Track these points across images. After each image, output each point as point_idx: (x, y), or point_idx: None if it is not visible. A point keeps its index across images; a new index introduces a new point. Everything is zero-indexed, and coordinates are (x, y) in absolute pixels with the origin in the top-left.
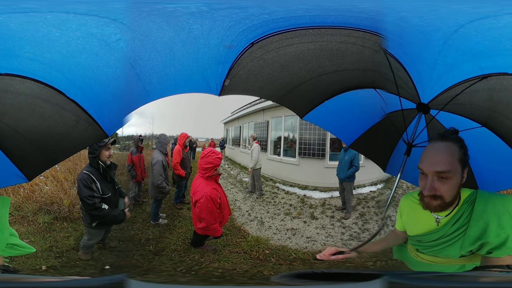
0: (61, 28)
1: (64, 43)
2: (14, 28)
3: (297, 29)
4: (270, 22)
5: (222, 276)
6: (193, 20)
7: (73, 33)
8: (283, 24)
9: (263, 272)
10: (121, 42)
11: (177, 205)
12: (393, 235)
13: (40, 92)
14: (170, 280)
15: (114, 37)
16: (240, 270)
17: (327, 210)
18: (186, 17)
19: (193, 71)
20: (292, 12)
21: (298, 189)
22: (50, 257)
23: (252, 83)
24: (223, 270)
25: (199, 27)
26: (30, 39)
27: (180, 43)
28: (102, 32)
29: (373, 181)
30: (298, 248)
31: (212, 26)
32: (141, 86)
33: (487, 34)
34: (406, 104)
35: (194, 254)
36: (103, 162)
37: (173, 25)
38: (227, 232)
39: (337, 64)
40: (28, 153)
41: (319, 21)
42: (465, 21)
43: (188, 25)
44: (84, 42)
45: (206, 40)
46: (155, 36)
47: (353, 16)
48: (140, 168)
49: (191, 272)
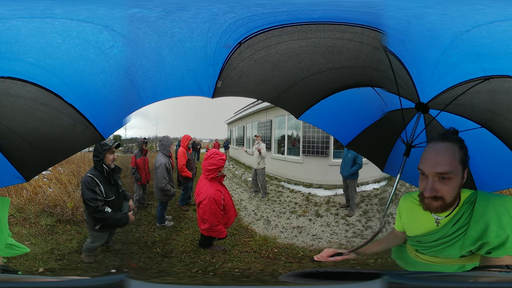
0: (63, 35)
1: (65, 50)
2: (24, 33)
3: (283, 26)
4: (247, 20)
5: (243, 275)
6: (170, 24)
7: (72, 40)
8: (265, 21)
9: (278, 270)
10: (114, 49)
11: (183, 207)
12: (392, 235)
13: (39, 96)
14: (191, 281)
15: (108, 44)
16: (255, 269)
17: (332, 208)
18: (160, 22)
19: (184, 74)
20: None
21: (302, 187)
22: (51, 259)
23: (244, 84)
24: (239, 269)
25: (179, 30)
26: (35, 45)
27: (167, 47)
28: (97, 39)
29: (376, 179)
30: (305, 246)
31: (189, 28)
32: (134, 91)
33: (498, 37)
34: (405, 103)
35: (204, 255)
36: (107, 166)
37: (155, 30)
38: (235, 232)
39: (332, 61)
40: (26, 154)
41: (301, 16)
42: (484, 22)
43: (167, 29)
44: (82, 49)
45: (191, 43)
46: (144, 42)
47: (349, 11)
48: (144, 171)
49: (210, 273)
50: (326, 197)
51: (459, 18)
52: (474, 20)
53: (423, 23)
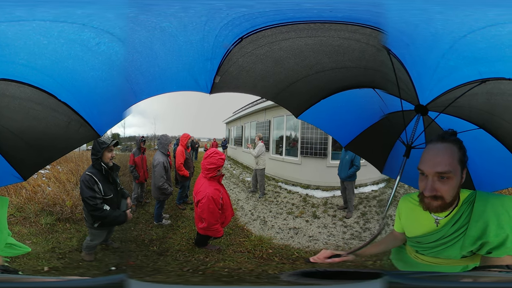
0: (47, 36)
1: (52, 50)
2: (11, 36)
3: (296, 23)
4: (258, 16)
5: (229, 275)
6: (155, 19)
7: (57, 40)
8: (274, 18)
9: (268, 271)
10: (102, 45)
11: (180, 206)
12: (392, 236)
13: (33, 96)
14: (182, 280)
15: (93, 41)
16: (245, 269)
17: (329, 209)
18: (143, 17)
19: (179, 68)
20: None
21: (300, 188)
22: (53, 258)
23: (244, 79)
24: (229, 269)
25: (169, 24)
26: (23, 47)
27: (158, 42)
28: (80, 37)
29: (375, 180)
30: (300, 247)
31: (181, 22)
32: (128, 87)
33: (491, 41)
34: (404, 105)
35: (199, 254)
36: (106, 164)
37: (141, 25)
38: (231, 231)
39: (336, 61)
40: (23, 153)
41: (325, 15)
42: (477, 27)
43: (154, 24)
44: (68, 48)
45: (186, 37)
46: (132, 37)
47: (361, 11)
48: (142, 169)
49: (199, 272)
50: (323, 199)
51: (457, 24)
52: (469, 26)
53: (429, 27)
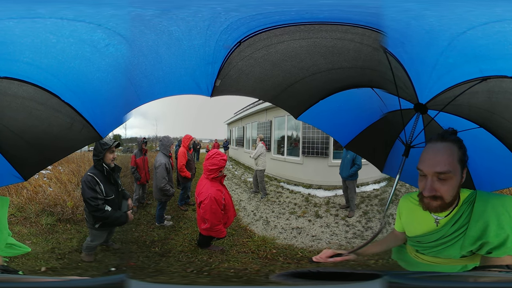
0: (57, 34)
1: (60, 49)
2: (18, 33)
3: (287, 25)
4: (250, 20)
5: (236, 276)
6: (167, 22)
7: (67, 39)
8: (269, 20)
9: (275, 271)
10: (110, 47)
11: (182, 207)
12: (393, 236)
13: (36, 95)
14: (188, 281)
15: (103, 42)
16: (251, 269)
17: (332, 209)
18: (157, 20)
19: (182, 73)
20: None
21: (302, 188)
22: (52, 258)
23: (243, 82)
24: (235, 270)
25: (177, 28)
26: (30, 45)
27: (164, 46)
28: (91, 38)
29: (376, 179)
30: (304, 246)
31: (187, 26)
32: (132, 90)
33: (494, 38)
34: (404, 104)
35: (202, 255)
36: (107, 165)
37: (152, 28)
38: (233, 232)
39: (332, 61)
40: (24, 153)
41: (308, 16)
42: (478, 23)
43: (164, 27)
44: (77, 48)
45: (189, 41)
46: (140, 41)
47: (353, 11)
48: (144, 171)
49: (204, 273)
50: (325, 198)
51: (455, 20)
52: (469, 22)
53: (422, 25)
